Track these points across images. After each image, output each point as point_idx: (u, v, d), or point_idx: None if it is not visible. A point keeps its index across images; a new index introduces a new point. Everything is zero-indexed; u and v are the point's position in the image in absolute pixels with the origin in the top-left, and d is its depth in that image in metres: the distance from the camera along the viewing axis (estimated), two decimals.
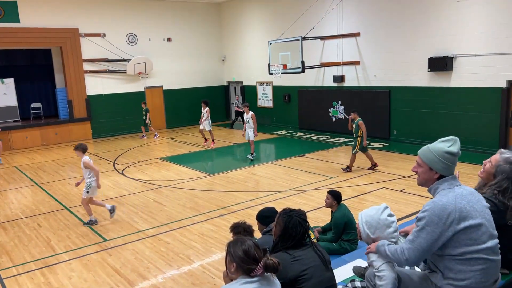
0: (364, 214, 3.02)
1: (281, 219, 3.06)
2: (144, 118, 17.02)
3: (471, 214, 2.55)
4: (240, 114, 18.17)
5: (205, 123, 14.71)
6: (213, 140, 14.95)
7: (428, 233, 2.55)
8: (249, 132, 12.34)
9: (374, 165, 10.50)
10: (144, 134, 17.44)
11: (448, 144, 2.68)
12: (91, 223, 7.58)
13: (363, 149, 10.24)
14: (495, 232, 2.64)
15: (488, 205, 2.72)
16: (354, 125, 10.26)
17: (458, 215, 2.53)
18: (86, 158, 7.40)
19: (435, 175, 2.69)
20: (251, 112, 12.37)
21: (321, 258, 2.97)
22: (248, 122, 12.33)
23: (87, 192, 7.43)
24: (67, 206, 8.81)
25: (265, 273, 2.58)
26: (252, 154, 12.47)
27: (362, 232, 3.01)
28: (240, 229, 4.23)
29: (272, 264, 2.54)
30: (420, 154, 2.76)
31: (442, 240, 2.55)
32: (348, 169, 10.40)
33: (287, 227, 2.98)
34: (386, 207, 2.98)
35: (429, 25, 12.51)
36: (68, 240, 6.97)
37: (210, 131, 14.84)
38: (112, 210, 7.68)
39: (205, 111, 14.63)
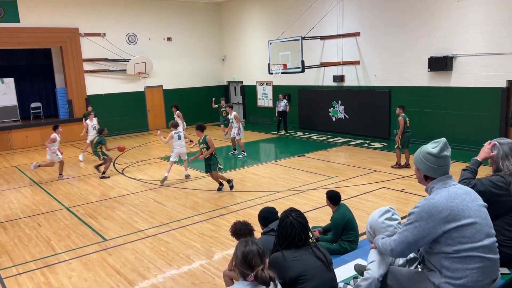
0: (371, 215, 3.12)
1: (280, 217, 3.08)
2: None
3: (463, 213, 2.56)
4: (283, 115, 16.71)
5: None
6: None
7: (416, 227, 2.59)
8: (234, 131, 12.82)
9: (398, 164, 10.57)
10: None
11: (433, 146, 2.74)
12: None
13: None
14: (492, 231, 2.64)
15: (485, 204, 2.72)
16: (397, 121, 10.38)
17: (449, 213, 2.54)
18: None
19: (421, 175, 2.80)
20: (234, 113, 12.89)
21: (322, 259, 2.97)
22: (232, 122, 12.89)
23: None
24: (67, 206, 8.82)
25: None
26: (233, 151, 13.09)
27: (367, 232, 3.11)
28: (233, 229, 4.23)
29: (262, 277, 2.47)
30: (414, 154, 2.90)
31: (430, 237, 2.57)
32: (396, 165, 10.56)
33: (280, 225, 3.01)
34: (388, 211, 3.04)
35: (429, 25, 12.50)
36: (68, 239, 6.98)
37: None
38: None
39: (175, 115, 14.52)
